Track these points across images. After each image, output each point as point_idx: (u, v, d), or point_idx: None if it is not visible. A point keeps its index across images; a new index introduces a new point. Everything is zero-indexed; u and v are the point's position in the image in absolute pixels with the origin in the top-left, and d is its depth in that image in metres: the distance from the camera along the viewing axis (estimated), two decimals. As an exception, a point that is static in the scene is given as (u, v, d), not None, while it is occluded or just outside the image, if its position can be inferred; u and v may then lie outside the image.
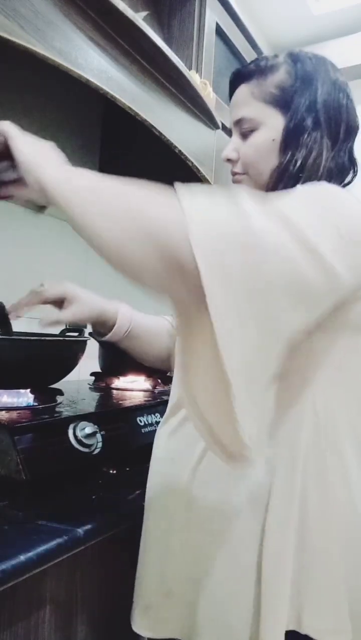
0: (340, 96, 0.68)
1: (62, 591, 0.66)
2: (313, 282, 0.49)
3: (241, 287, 0.46)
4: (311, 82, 0.68)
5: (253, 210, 0.50)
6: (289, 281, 0.48)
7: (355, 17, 2.50)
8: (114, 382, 1.30)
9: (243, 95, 0.72)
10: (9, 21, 0.73)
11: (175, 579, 0.65)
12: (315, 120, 0.67)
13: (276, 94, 0.68)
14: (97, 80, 0.91)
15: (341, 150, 0.68)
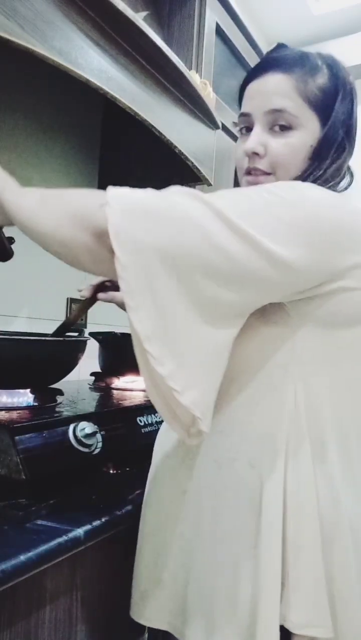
0: (357, 115, 0.69)
1: (62, 591, 0.66)
2: (242, 261, 0.52)
3: (153, 254, 0.50)
4: (350, 94, 0.67)
5: (179, 194, 0.55)
6: (209, 257, 0.51)
7: (355, 17, 2.50)
8: (114, 382, 1.30)
9: (284, 85, 0.65)
10: (9, 21, 0.73)
11: (167, 569, 0.66)
12: (348, 132, 0.66)
13: (319, 97, 0.65)
14: (97, 80, 0.91)
15: (350, 153, 0.69)
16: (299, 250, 0.54)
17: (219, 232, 0.52)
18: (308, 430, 0.61)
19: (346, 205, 0.60)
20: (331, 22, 2.56)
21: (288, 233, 0.54)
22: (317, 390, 0.62)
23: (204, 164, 1.35)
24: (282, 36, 2.67)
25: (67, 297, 1.54)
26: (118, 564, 0.76)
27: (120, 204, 0.52)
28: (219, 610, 0.60)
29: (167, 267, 0.51)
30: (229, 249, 0.52)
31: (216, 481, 0.63)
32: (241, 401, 0.63)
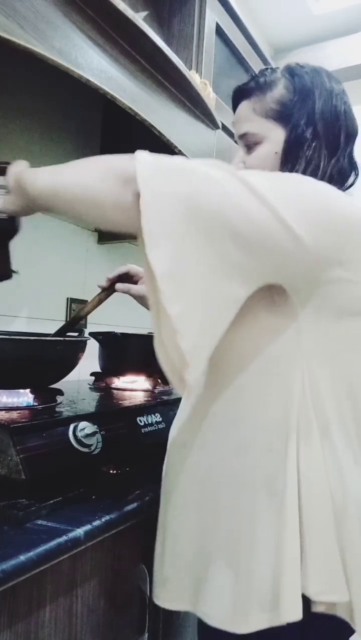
0: (337, 105, 0.72)
1: (62, 591, 0.66)
2: (259, 223, 0.56)
3: (177, 199, 0.55)
4: (309, 96, 0.71)
5: (201, 162, 0.60)
6: (228, 213, 0.56)
7: (355, 17, 2.50)
8: (114, 382, 1.30)
9: (244, 111, 0.75)
10: (9, 21, 0.73)
11: (188, 554, 0.68)
12: (314, 132, 0.70)
13: (276, 109, 0.72)
14: (97, 80, 0.91)
15: (341, 156, 0.71)
16: (310, 228, 0.58)
17: (240, 193, 0.57)
18: (315, 416, 0.64)
19: (352, 203, 0.64)
20: (331, 22, 2.56)
21: (301, 211, 0.59)
22: (320, 379, 0.65)
23: (204, 164, 1.35)
24: (282, 36, 2.67)
25: (67, 297, 1.54)
26: (118, 563, 0.76)
27: (148, 159, 0.57)
28: (241, 586, 0.63)
29: (189, 214, 0.55)
30: (248, 209, 0.56)
31: (234, 468, 0.66)
32: (251, 391, 0.66)
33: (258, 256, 0.58)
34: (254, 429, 0.65)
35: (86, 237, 1.60)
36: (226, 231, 0.56)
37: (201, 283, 0.56)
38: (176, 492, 0.72)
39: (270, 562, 0.62)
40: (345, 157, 0.72)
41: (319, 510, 0.62)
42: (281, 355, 0.65)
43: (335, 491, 0.63)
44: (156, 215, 0.54)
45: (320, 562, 0.61)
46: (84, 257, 1.60)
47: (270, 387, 0.65)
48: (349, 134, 0.72)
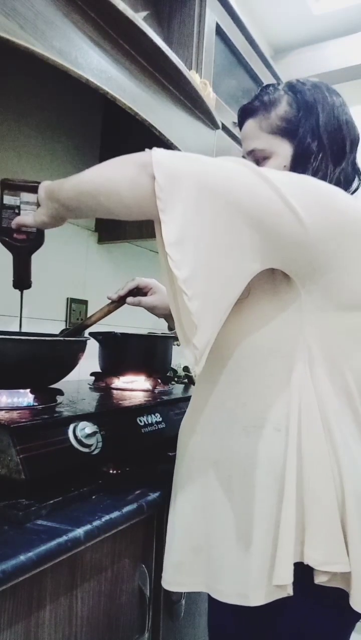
0: (339, 116, 0.76)
1: (62, 591, 0.66)
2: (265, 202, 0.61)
3: (189, 179, 0.60)
4: (312, 110, 0.75)
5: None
6: (238, 192, 0.61)
7: (355, 17, 2.50)
8: (114, 382, 1.30)
9: (251, 129, 0.80)
10: (9, 21, 0.73)
11: (201, 536, 0.71)
12: (319, 144, 0.75)
13: (281, 125, 0.76)
14: (97, 80, 0.91)
15: (346, 164, 0.76)
16: (311, 213, 0.62)
17: (248, 174, 0.62)
18: (317, 399, 0.68)
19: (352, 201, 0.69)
20: (331, 22, 2.56)
21: (305, 195, 0.63)
22: (321, 367, 0.69)
23: (204, 164, 1.35)
24: (282, 36, 2.67)
25: (67, 297, 1.54)
26: (118, 563, 0.76)
27: (164, 150, 0.62)
28: (251, 561, 0.66)
29: (200, 193, 0.60)
30: (256, 189, 0.61)
31: (246, 447, 0.69)
32: (258, 376, 0.70)
33: (265, 235, 0.62)
34: (265, 409, 0.69)
35: (86, 237, 1.60)
36: (234, 208, 0.61)
37: (209, 252, 0.61)
38: (188, 476, 0.75)
39: (273, 538, 0.65)
40: (348, 163, 0.77)
41: (320, 485, 0.66)
42: (284, 343, 0.69)
43: (336, 467, 0.66)
44: (169, 194, 0.59)
45: (323, 533, 0.64)
46: (84, 257, 1.60)
47: (276, 371, 0.69)
48: (352, 142, 0.77)
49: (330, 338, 0.69)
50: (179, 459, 0.78)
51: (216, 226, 0.61)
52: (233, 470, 0.70)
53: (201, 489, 0.72)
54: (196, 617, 0.97)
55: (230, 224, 0.61)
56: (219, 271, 0.62)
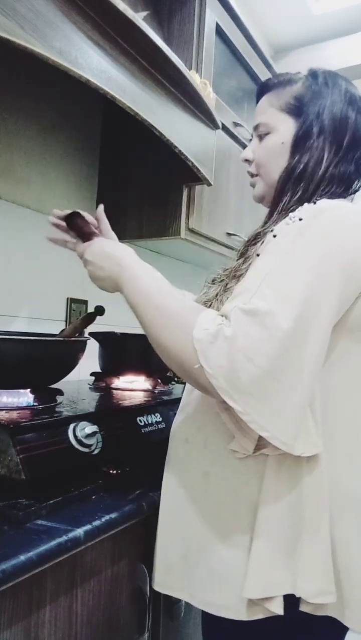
0: (348, 108, 0.75)
1: (62, 591, 0.66)
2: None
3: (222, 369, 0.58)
4: (324, 94, 0.75)
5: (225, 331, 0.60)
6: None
7: (355, 17, 2.50)
8: (114, 382, 1.30)
9: (263, 104, 0.80)
10: (9, 21, 0.73)
11: (191, 543, 0.71)
12: (321, 127, 0.74)
13: (291, 103, 0.77)
14: (97, 80, 0.91)
15: (345, 159, 0.74)
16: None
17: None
18: (322, 421, 0.66)
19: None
20: (331, 22, 2.56)
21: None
22: (328, 388, 0.68)
23: (204, 164, 1.35)
24: (282, 36, 2.67)
25: (67, 297, 1.54)
26: (118, 563, 0.76)
27: (200, 342, 0.60)
28: (233, 576, 0.67)
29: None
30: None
31: (234, 465, 0.69)
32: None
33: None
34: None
35: (86, 237, 1.60)
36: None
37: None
38: (177, 484, 0.74)
39: (266, 555, 0.64)
40: (350, 161, 0.74)
41: (316, 514, 0.64)
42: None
43: (332, 494, 0.66)
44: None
45: (315, 567, 0.63)
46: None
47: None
48: (356, 139, 0.75)
49: (344, 366, 0.69)
50: (170, 466, 0.78)
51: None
52: (222, 484, 0.69)
53: (191, 499, 0.72)
54: (196, 617, 0.97)
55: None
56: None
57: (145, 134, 1.13)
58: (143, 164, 1.56)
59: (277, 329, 0.57)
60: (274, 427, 0.58)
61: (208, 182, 1.40)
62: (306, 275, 0.60)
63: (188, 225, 1.48)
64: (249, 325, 0.58)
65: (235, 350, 0.57)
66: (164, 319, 0.64)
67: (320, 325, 0.60)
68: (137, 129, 1.36)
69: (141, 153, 1.56)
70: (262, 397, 0.58)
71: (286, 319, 0.57)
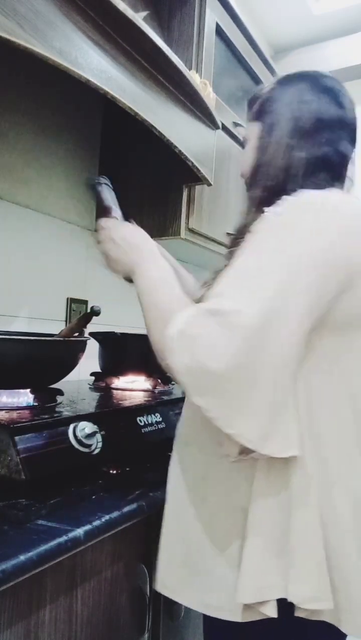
0: (309, 94, 0.73)
1: (62, 591, 0.66)
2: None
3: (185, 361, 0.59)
4: (284, 90, 0.76)
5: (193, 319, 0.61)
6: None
7: (355, 17, 2.50)
8: (114, 382, 1.30)
9: (246, 121, 0.88)
10: (9, 21, 0.73)
11: (191, 545, 0.71)
12: (279, 118, 0.74)
13: (257, 110, 0.79)
14: (97, 80, 0.91)
15: (315, 142, 0.71)
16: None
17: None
18: (308, 425, 0.65)
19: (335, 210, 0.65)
20: (331, 22, 2.56)
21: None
22: (314, 388, 0.66)
23: (204, 164, 1.35)
24: (282, 36, 2.67)
25: (67, 297, 1.54)
26: (118, 563, 0.76)
27: (171, 333, 0.62)
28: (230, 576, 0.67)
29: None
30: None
31: (226, 467, 0.68)
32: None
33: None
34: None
35: (86, 237, 1.60)
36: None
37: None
38: (178, 487, 0.74)
39: (257, 559, 0.64)
40: (321, 144, 0.72)
41: (308, 519, 0.63)
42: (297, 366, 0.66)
43: (324, 500, 0.64)
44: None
45: (308, 569, 0.62)
46: (84, 257, 1.60)
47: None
48: (324, 122, 0.72)
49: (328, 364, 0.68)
50: (172, 469, 0.78)
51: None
52: (217, 487, 0.69)
53: (192, 502, 0.72)
54: (196, 617, 0.97)
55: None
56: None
57: (145, 134, 1.13)
58: (143, 164, 1.56)
59: (240, 328, 0.56)
60: (239, 425, 0.58)
61: (208, 182, 1.40)
62: (277, 273, 0.59)
63: (188, 225, 1.48)
64: (212, 325, 0.58)
65: (197, 349, 0.58)
66: (156, 312, 0.69)
67: (288, 324, 0.58)
68: (137, 129, 1.36)
69: (141, 153, 1.56)
70: (225, 395, 0.57)
71: (249, 317, 0.57)
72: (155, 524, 0.84)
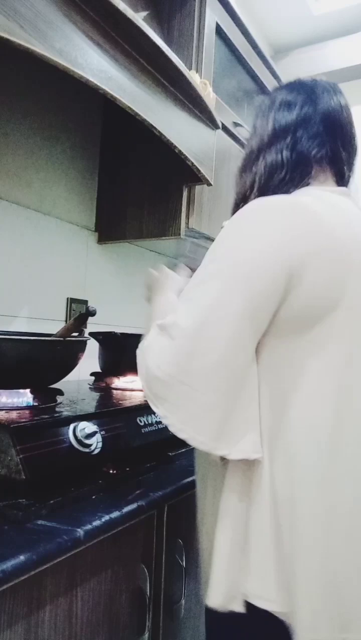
0: (269, 107, 0.77)
1: (62, 591, 0.66)
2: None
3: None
4: (258, 112, 0.79)
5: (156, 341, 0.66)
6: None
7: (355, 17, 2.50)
8: (114, 382, 1.30)
9: None
10: (9, 21, 0.73)
11: (209, 540, 0.71)
12: (249, 138, 0.79)
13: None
14: (97, 80, 0.91)
15: (274, 150, 0.74)
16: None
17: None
18: (274, 426, 0.65)
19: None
20: (331, 22, 2.56)
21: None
22: (280, 393, 0.65)
23: (204, 164, 1.35)
24: (282, 36, 2.67)
25: (67, 297, 1.54)
26: (118, 563, 0.76)
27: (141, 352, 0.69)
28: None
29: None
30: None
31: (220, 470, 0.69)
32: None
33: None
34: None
35: (85, 237, 1.60)
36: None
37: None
38: (197, 484, 0.78)
39: (223, 560, 0.65)
40: (285, 149, 0.73)
41: (265, 519, 0.64)
42: (246, 369, 0.65)
43: (281, 501, 0.63)
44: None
45: (264, 568, 0.63)
46: (84, 257, 1.60)
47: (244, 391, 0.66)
48: (280, 128, 0.74)
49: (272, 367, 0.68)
50: (197, 464, 0.79)
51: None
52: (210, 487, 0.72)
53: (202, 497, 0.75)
54: (196, 617, 0.97)
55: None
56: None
57: (145, 134, 1.13)
58: (143, 164, 1.56)
59: (179, 337, 0.61)
60: (191, 429, 0.61)
61: (208, 182, 1.40)
62: (214, 281, 0.62)
63: (188, 225, 1.48)
64: (158, 337, 0.64)
65: (148, 361, 0.64)
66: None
67: (223, 329, 0.60)
68: (137, 129, 1.36)
69: (141, 153, 1.56)
70: (176, 402, 0.61)
71: (183, 327, 0.61)
72: (155, 524, 0.84)
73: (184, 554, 0.90)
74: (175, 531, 0.89)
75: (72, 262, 1.56)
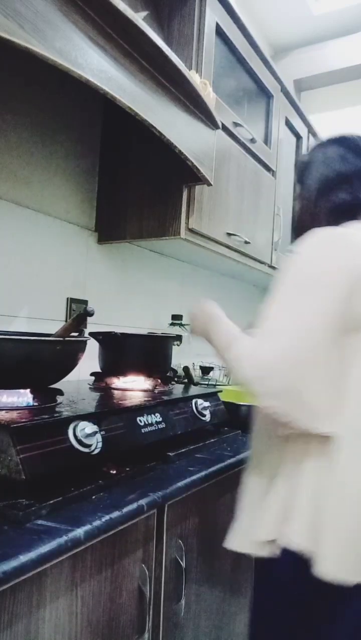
0: (331, 155, 0.92)
1: (62, 591, 0.66)
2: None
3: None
4: (315, 157, 0.95)
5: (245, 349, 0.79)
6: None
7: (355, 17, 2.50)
8: (114, 382, 1.30)
9: None
10: (9, 21, 0.73)
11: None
12: (308, 181, 0.94)
13: (297, 174, 1.00)
14: (97, 80, 0.91)
15: (336, 193, 0.89)
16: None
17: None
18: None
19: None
20: (331, 22, 2.56)
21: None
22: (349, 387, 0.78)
23: (204, 164, 1.35)
24: (282, 36, 2.67)
25: (67, 297, 1.54)
26: (118, 563, 0.76)
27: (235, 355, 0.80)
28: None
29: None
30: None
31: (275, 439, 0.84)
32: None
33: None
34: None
35: (85, 237, 1.60)
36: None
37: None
38: (258, 458, 0.90)
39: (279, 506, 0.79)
40: (345, 193, 0.89)
41: (317, 481, 0.76)
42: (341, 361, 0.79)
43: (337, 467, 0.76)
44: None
45: (300, 516, 0.76)
46: (84, 257, 1.60)
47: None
48: (325, 180, 0.91)
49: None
50: (252, 448, 0.92)
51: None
52: (268, 451, 0.85)
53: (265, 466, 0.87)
54: (196, 617, 0.97)
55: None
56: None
57: (145, 134, 1.13)
58: (143, 164, 1.56)
59: (284, 340, 0.73)
60: (298, 413, 0.74)
61: (208, 182, 1.40)
62: (289, 297, 0.77)
63: (187, 225, 1.48)
64: (260, 342, 0.76)
65: (257, 362, 0.75)
66: (226, 354, 0.84)
67: (314, 334, 0.73)
68: (137, 129, 1.36)
69: (141, 153, 1.56)
70: (290, 392, 0.73)
71: (290, 329, 0.74)
72: (155, 523, 0.84)
73: (184, 554, 0.90)
74: (175, 531, 0.89)
75: (72, 262, 1.56)
